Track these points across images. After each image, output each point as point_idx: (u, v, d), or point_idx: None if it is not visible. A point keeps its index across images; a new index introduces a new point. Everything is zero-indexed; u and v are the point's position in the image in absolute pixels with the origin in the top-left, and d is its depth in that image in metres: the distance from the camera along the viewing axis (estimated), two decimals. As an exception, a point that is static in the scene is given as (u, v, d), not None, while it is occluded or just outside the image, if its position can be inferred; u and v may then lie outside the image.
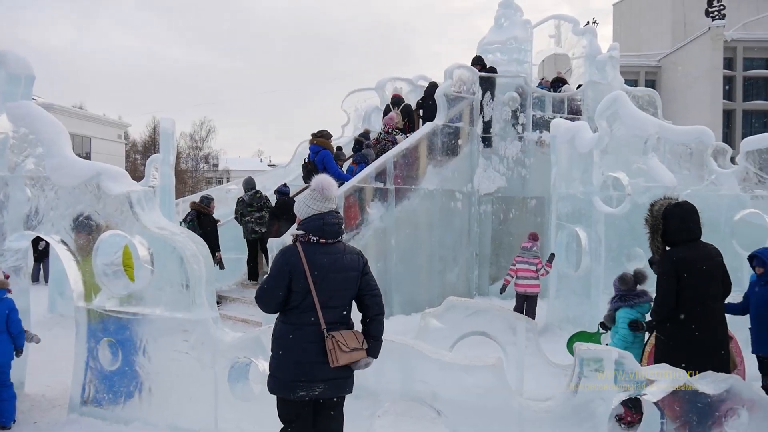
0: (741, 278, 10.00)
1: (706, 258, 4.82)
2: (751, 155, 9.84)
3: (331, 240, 3.86)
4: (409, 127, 12.13)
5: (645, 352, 5.55)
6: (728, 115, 48.04)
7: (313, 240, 3.84)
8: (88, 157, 35.89)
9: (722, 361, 4.77)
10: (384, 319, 4.02)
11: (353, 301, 3.97)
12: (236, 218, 11.19)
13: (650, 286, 5.56)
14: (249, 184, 11.34)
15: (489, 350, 6.55)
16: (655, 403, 4.36)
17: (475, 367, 4.62)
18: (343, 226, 3.98)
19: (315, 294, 3.74)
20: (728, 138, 43.20)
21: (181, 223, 10.64)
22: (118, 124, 48.54)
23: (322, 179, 3.98)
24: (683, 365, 4.54)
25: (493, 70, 12.59)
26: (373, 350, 3.92)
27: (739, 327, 5.78)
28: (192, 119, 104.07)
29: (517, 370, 6.45)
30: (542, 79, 14.92)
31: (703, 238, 5.04)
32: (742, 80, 48.62)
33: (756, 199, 9.87)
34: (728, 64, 47.99)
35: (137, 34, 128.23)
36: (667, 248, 4.99)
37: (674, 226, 4.91)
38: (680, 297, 4.76)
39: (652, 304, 5.41)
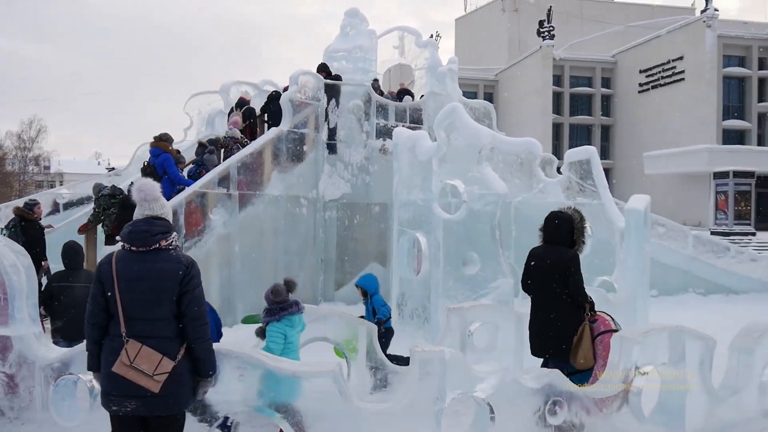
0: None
1: (541, 257, 5.67)
2: (573, 166, 10.66)
3: (142, 248, 3.65)
4: (250, 131, 11.98)
5: None
6: (557, 128, 51.66)
7: (126, 247, 3.68)
8: None
9: (543, 346, 5.59)
10: (206, 343, 3.82)
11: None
12: (97, 212, 10.24)
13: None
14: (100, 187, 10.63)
15: (333, 355, 6.61)
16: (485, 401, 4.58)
17: (315, 373, 4.61)
18: (159, 234, 3.71)
19: (119, 303, 3.57)
20: (557, 149, 46.31)
21: (2, 230, 9.80)
22: (-71, 121, 43.95)
23: (138, 185, 3.83)
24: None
25: (338, 77, 12.71)
26: (202, 370, 3.82)
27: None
28: (20, 117, 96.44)
29: (360, 374, 6.54)
30: (381, 86, 15.21)
31: (532, 241, 5.69)
32: (569, 96, 52.47)
33: (578, 207, 10.71)
34: (557, 80, 51.61)
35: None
36: None
37: (541, 230, 5.96)
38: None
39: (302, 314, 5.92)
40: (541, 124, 48.98)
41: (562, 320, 5.47)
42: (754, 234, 32.62)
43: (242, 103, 12.74)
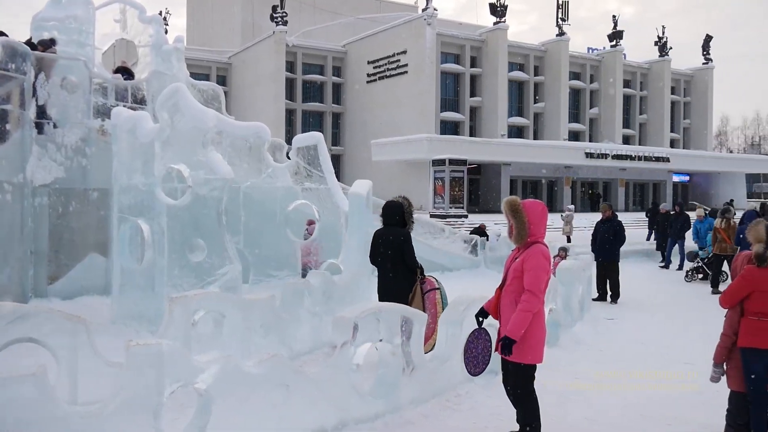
0: (295, 264, 11.03)
1: (383, 236, 7.12)
2: (301, 151, 10.85)
3: None
4: None
5: None
6: (290, 114, 52.50)
7: None
8: None
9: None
10: None
11: None
12: None
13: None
14: None
15: (42, 358, 5.96)
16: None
17: (12, 380, 4.13)
18: None
19: None
20: (290, 135, 47.01)
21: None
22: None
23: None
24: None
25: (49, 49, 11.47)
26: None
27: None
28: None
29: (70, 376, 6.00)
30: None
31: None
32: (301, 83, 53.54)
33: (306, 191, 10.94)
34: (290, 67, 52.39)
35: None
36: None
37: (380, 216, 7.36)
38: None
39: None
40: (274, 110, 49.42)
41: (401, 282, 6.95)
42: (466, 216, 36.21)
43: None
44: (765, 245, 4.87)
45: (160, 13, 46.71)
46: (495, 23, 50.86)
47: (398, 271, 7.02)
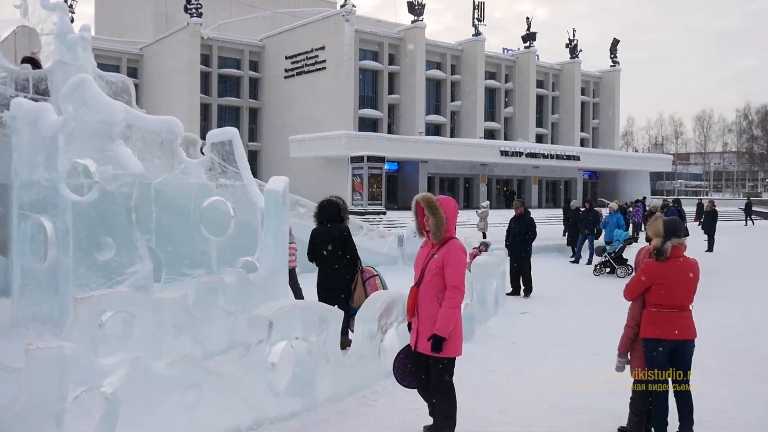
0: (209, 260, 10.77)
1: (323, 233, 7.64)
2: (215, 147, 10.58)
3: None
4: None
5: None
6: (205, 109, 51.36)
7: None
8: None
9: (332, 296, 7.34)
10: None
11: None
12: None
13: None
14: None
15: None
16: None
17: None
18: None
19: None
20: (205, 130, 45.84)
21: None
22: None
23: None
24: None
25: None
26: None
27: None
28: None
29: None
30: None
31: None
32: (217, 77, 52.44)
33: (221, 188, 10.69)
34: (205, 60, 51.23)
35: None
36: None
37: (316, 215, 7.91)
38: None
39: None
40: (188, 104, 48.24)
41: (344, 274, 7.54)
42: (384, 213, 36.40)
43: None
44: (663, 239, 5.09)
45: (65, 0, 44.71)
46: (413, 21, 51.21)
47: (342, 264, 7.58)
